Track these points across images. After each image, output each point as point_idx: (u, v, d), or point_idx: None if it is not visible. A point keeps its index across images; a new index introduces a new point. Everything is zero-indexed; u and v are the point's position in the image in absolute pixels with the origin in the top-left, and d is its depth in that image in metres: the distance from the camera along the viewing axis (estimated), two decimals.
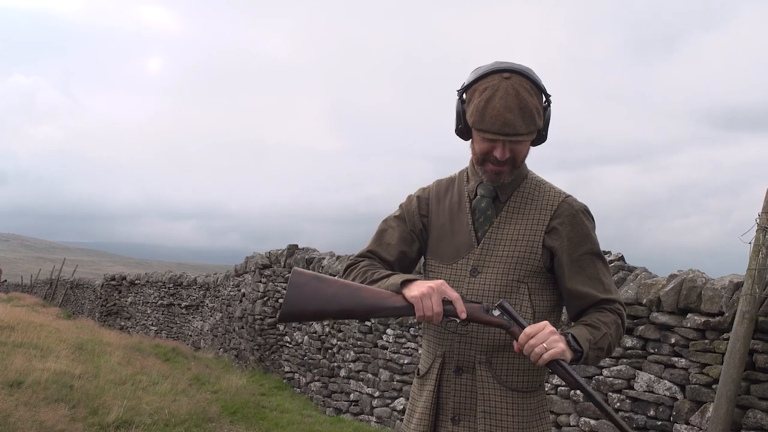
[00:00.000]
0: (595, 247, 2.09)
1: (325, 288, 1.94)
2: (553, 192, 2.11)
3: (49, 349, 8.90)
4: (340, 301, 1.93)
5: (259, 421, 7.19)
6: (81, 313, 22.01)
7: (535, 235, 2.05)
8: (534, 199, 2.10)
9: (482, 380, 2.03)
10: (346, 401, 8.32)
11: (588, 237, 2.08)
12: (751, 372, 4.21)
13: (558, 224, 2.06)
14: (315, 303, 1.93)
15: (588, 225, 2.09)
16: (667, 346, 4.69)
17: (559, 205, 2.08)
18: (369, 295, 1.94)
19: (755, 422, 4.15)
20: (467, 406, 2.05)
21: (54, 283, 28.48)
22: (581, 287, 2.05)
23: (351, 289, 1.95)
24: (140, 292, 18.10)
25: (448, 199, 2.20)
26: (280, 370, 10.11)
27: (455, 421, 2.06)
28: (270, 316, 10.43)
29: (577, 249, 2.06)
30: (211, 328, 13.62)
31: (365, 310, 1.94)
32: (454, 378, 2.07)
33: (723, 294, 4.42)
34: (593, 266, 2.07)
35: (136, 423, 6.02)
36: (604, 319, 2.02)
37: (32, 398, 6.07)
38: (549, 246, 2.05)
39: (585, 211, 2.11)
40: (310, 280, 1.95)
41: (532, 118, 1.97)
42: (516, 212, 2.09)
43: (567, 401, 5.30)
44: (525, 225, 2.07)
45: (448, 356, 2.08)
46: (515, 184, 2.11)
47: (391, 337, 7.49)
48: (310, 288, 1.93)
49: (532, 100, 1.97)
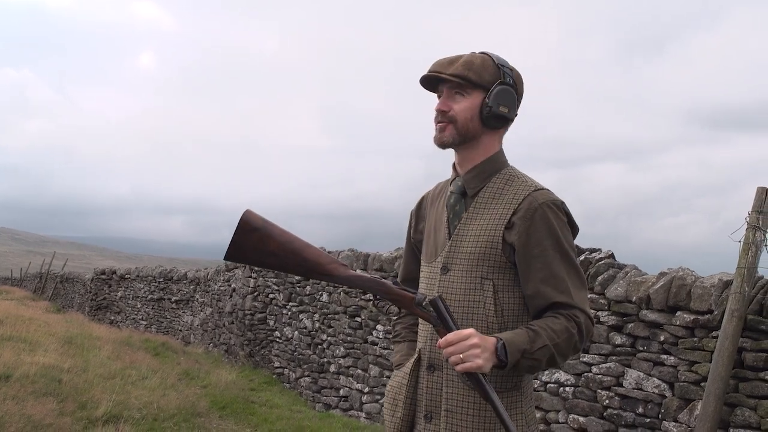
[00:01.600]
0: (558, 245, 1.95)
1: (269, 241, 1.91)
2: (524, 186, 2.03)
3: (37, 343, 8.87)
4: (279, 257, 1.91)
5: (249, 416, 7.18)
6: (70, 307, 21.92)
7: (495, 230, 1.98)
8: (502, 193, 2.04)
9: (447, 378, 2.01)
10: (335, 397, 8.32)
11: (550, 233, 1.95)
12: (739, 370, 4.22)
13: (517, 219, 1.97)
14: (257, 254, 1.91)
15: (552, 219, 1.96)
16: (656, 344, 4.70)
17: (524, 198, 1.99)
18: (309, 258, 1.92)
19: (743, 420, 4.17)
20: (437, 403, 2.03)
21: (44, 277, 28.35)
22: (537, 286, 1.94)
23: (293, 247, 1.92)
24: (130, 287, 18.04)
25: (438, 200, 2.21)
26: (269, 366, 10.09)
27: (428, 419, 2.05)
28: (260, 311, 10.42)
29: (535, 245, 1.95)
30: (201, 323, 13.59)
31: (303, 270, 1.93)
32: (427, 375, 2.06)
33: (712, 292, 4.43)
34: (552, 265, 1.94)
35: (125, 417, 6.00)
36: (553, 326, 1.89)
37: (20, 392, 6.04)
38: (509, 241, 1.97)
39: (553, 204, 1.98)
40: (258, 228, 1.91)
41: (464, 66, 1.99)
42: (483, 207, 2.05)
43: (556, 398, 5.31)
44: (489, 220, 2.01)
45: (423, 353, 2.09)
46: (485, 178, 2.07)
47: (381, 333, 7.49)
48: (255, 237, 1.90)
49: (472, 59, 2.01)
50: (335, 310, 8.39)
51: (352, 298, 8.04)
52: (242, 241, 1.90)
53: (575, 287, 1.96)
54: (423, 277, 2.17)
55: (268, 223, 1.92)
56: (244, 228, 1.90)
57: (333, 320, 8.45)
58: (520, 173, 2.09)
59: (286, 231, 1.94)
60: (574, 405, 5.17)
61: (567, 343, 1.91)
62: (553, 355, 1.88)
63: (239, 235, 1.90)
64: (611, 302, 4.97)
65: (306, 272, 1.93)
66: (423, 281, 2.16)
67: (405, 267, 2.38)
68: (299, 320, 9.29)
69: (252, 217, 1.91)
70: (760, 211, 4.30)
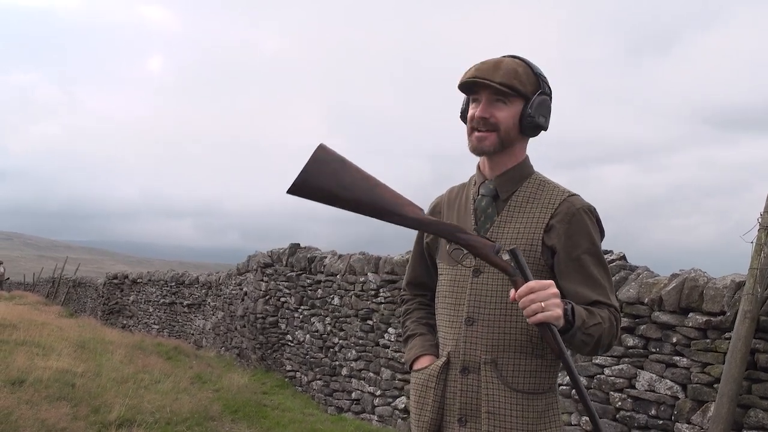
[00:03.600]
0: (593, 248, 2.01)
1: (344, 173, 1.85)
2: (557, 191, 2.07)
3: (51, 348, 8.92)
4: (354, 192, 1.85)
5: (261, 419, 7.20)
6: (83, 312, 22.03)
7: (534, 233, 2.02)
8: (536, 197, 2.07)
9: (487, 381, 2.01)
10: (347, 400, 8.33)
11: (587, 236, 2.01)
12: (752, 371, 4.21)
13: (556, 222, 2.01)
14: (330, 184, 1.83)
15: (588, 224, 2.02)
16: (668, 346, 4.69)
17: (560, 203, 2.03)
18: (384, 196, 1.88)
19: (757, 422, 4.15)
20: (473, 407, 2.02)
21: (56, 282, 28.50)
22: (575, 287, 1.98)
23: (369, 184, 1.87)
24: (142, 291, 18.12)
25: (457, 204, 2.21)
26: (281, 369, 10.11)
27: (462, 422, 2.04)
28: (272, 314, 10.44)
29: (575, 248, 2.00)
30: (213, 327, 13.63)
31: (375, 209, 1.87)
32: (461, 378, 2.05)
33: (725, 293, 4.42)
34: (590, 267, 2.00)
35: (138, 421, 6.02)
36: (601, 313, 1.94)
37: (34, 396, 6.08)
38: (548, 244, 2.01)
39: (588, 210, 2.04)
40: (334, 160, 1.85)
41: (510, 75, 1.98)
42: (517, 211, 2.07)
43: (568, 400, 5.30)
44: (525, 223, 2.04)
45: (453, 356, 2.07)
46: (516, 183, 2.10)
47: (393, 336, 7.50)
48: (330, 168, 1.83)
49: (516, 67, 2.00)
50: (347, 313, 8.40)
51: (364, 301, 8.05)
52: (315, 171, 1.82)
53: (610, 290, 2.02)
54: (446, 280, 2.16)
55: (344, 158, 1.86)
56: (319, 158, 1.82)
57: (345, 323, 8.46)
58: (549, 179, 2.13)
59: (359, 168, 1.89)
60: None
61: (610, 331, 1.95)
62: (600, 337, 1.91)
63: (312, 165, 1.81)
64: (623, 304, 4.96)
65: (379, 211, 1.87)
66: (446, 284, 2.15)
67: (412, 271, 2.38)
68: (311, 323, 9.30)
69: (327, 149, 1.84)
70: None
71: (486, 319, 2.02)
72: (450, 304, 2.10)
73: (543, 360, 2.02)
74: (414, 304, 2.37)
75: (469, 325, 2.02)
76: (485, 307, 2.02)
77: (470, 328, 2.03)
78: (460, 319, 2.06)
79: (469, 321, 2.03)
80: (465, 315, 2.05)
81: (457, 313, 2.08)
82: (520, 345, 2.00)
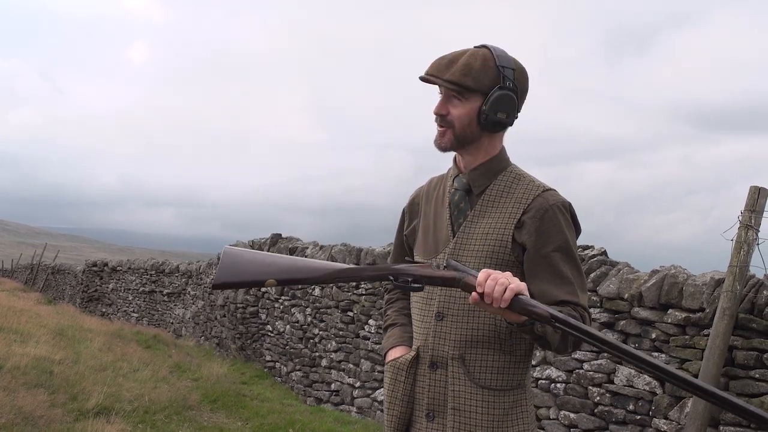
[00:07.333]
0: (565, 245, 1.96)
1: (262, 256, 1.91)
2: (532, 185, 2.03)
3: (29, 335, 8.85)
4: (278, 264, 1.89)
5: (240, 409, 7.18)
6: (62, 299, 21.86)
7: (505, 229, 1.98)
8: (510, 192, 2.03)
9: (454, 377, 2.00)
10: (327, 391, 8.33)
11: (558, 233, 1.96)
12: (730, 368, 4.25)
13: (528, 218, 1.97)
14: (253, 268, 1.88)
15: (561, 221, 1.97)
16: (647, 341, 4.72)
17: (534, 198, 1.99)
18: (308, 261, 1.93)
19: (733, 418, 4.19)
20: (441, 402, 2.02)
21: (35, 268, 28.26)
22: (542, 285, 1.94)
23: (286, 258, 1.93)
24: (122, 279, 18.00)
25: (434, 196, 2.19)
26: (261, 359, 10.09)
27: (430, 417, 2.03)
28: (252, 304, 10.41)
29: (545, 245, 1.95)
30: (193, 316, 13.57)
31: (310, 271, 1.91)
32: (429, 373, 2.04)
33: (704, 290, 4.45)
34: (559, 264, 1.95)
35: (116, 410, 5.99)
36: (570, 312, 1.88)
37: (11, 383, 6.03)
38: (519, 241, 1.97)
39: (562, 206, 1.99)
40: (244, 252, 1.91)
41: (462, 71, 1.94)
42: (490, 205, 2.04)
43: (547, 394, 5.32)
44: (497, 218, 2.01)
45: (423, 350, 2.06)
46: (490, 177, 2.06)
47: (373, 328, 7.50)
48: (246, 256, 1.89)
49: (472, 62, 1.95)
50: (327, 304, 8.39)
51: (345, 292, 8.04)
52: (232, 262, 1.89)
53: (580, 289, 1.97)
54: None
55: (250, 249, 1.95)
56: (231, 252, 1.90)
57: (325, 314, 8.45)
58: (525, 173, 2.09)
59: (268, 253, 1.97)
60: (565, 401, 5.19)
61: None
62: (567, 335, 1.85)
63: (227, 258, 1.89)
64: (603, 299, 4.99)
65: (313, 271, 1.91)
66: None
67: (395, 260, 2.35)
68: (291, 314, 9.29)
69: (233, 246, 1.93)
70: (752, 210, 4.32)
71: (455, 314, 2.01)
72: (422, 297, 2.09)
73: (512, 356, 2.00)
74: (398, 294, 2.35)
75: (439, 320, 2.01)
76: (455, 303, 2.01)
77: (440, 323, 2.02)
78: (431, 313, 2.05)
79: (439, 316, 2.02)
80: (435, 310, 2.04)
81: (428, 307, 2.06)
82: (488, 341, 1.98)
